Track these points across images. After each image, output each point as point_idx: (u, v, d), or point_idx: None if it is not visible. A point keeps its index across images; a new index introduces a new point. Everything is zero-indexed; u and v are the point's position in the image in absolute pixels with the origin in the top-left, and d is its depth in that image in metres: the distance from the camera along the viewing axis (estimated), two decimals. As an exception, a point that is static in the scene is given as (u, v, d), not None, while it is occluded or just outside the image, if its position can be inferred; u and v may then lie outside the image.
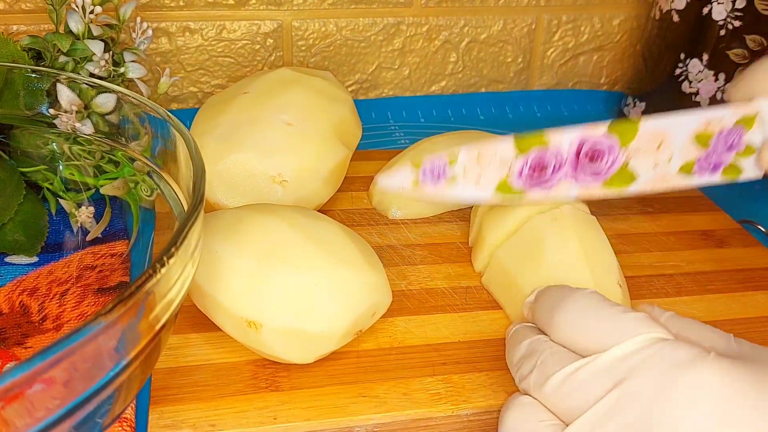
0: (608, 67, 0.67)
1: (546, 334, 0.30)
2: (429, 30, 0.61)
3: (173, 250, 0.22)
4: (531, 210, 0.38)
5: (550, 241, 0.36)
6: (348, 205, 0.46)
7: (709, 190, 0.51)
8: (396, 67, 0.62)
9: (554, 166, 0.36)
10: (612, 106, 0.66)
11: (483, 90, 0.65)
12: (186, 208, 0.30)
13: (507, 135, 0.36)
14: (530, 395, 0.28)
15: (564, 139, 0.36)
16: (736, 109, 0.35)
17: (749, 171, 0.37)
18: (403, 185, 0.37)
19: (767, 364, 0.25)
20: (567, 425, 0.26)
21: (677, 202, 0.49)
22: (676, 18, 0.53)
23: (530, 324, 0.32)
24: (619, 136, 0.36)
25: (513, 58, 0.64)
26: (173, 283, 0.23)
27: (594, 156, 0.36)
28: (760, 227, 0.47)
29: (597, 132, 0.36)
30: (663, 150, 0.36)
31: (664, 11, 0.55)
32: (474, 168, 0.36)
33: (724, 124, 0.36)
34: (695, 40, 0.52)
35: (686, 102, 0.54)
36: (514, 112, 0.64)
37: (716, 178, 0.37)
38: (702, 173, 0.37)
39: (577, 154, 0.36)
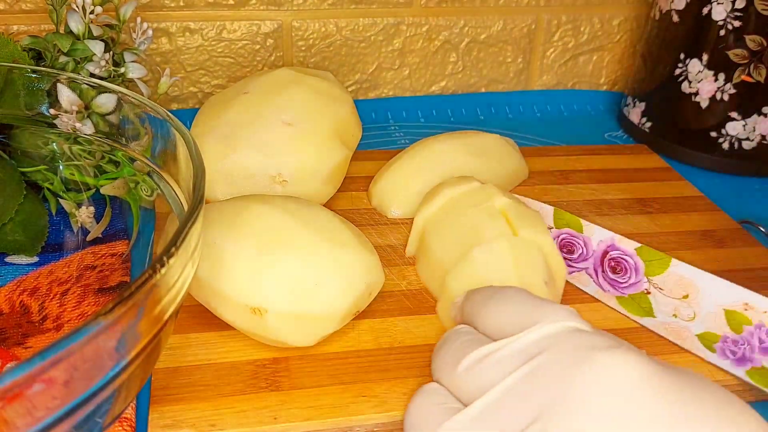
0: (608, 67, 0.67)
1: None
2: (429, 30, 0.61)
3: (173, 250, 0.22)
4: (459, 191, 0.39)
5: (481, 234, 0.36)
6: (348, 205, 0.46)
7: (709, 191, 0.51)
8: (396, 67, 0.62)
9: (580, 255, 0.37)
10: (612, 106, 0.66)
11: (483, 90, 0.65)
12: (186, 208, 0.30)
13: (549, 206, 0.38)
14: (440, 383, 0.28)
15: (596, 236, 0.37)
16: None
17: None
18: None
19: (689, 375, 0.24)
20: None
21: (677, 202, 0.49)
22: (675, 18, 0.53)
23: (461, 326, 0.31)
24: (645, 262, 0.35)
25: (513, 58, 0.64)
26: (173, 283, 0.23)
27: (617, 268, 0.36)
28: (759, 227, 0.47)
29: (627, 246, 0.36)
30: (688, 304, 0.34)
31: (663, 11, 0.55)
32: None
33: (764, 317, 0.32)
34: (695, 40, 0.52)
35: (686, 102, 0.54)
36: (514, 112, 0.64)
37: (739, 372, 0.32)
38: (724, 356, 0.33)
39: (603, 256, 0.37)
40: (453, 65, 0.63)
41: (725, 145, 0.53)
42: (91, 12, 0.40)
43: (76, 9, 0.40)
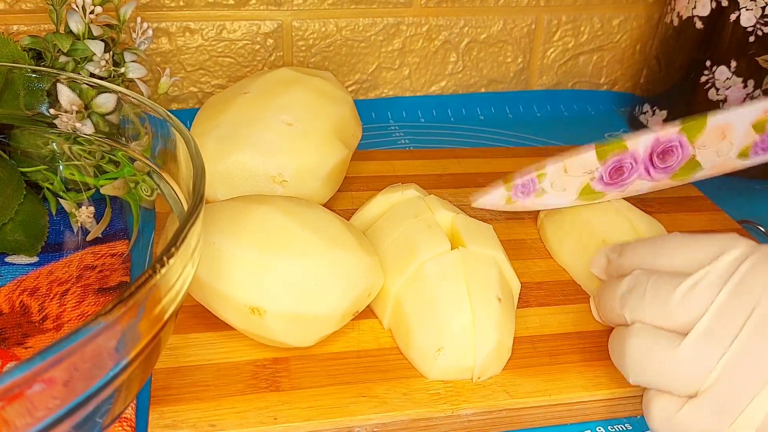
0: (608, 67, 0.67)
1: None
2: (429, 30, 0.61)
3: (173, 250, 0.22)
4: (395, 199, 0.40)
5: (420, 247, 0.35)
6: (348, 205, 0.46)
7: (709, 191, 0.51)
8: (396, 67, 0.62)
9: (629, 168, 0.40)
10: (612, 106, 0.66)
11: (483, 90, 0.65)
12: (186, 207, 0.30)
13: (589, 145, 0.40)
14: (641, 321, 0.31)
15: (640, 143, 0.40)
16: None
17: None
18: (497, 203, 0.42)
19: None
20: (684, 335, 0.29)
21: (677, 202, 0.49)
22: (699, 24, 0.52)
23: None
24: (687, 133, 0.40)
25: (513, 58, 0.64)
26: (173, 283, 0.23)
27: (665, 154, 0.40)
28: (759, 227, 0.47)
29: (669, 132, 0.40)
30: (726, 140, 0.40)
31: (684, 18, 0.54)
32: (560, 180, 0.41)
33: None
34: (722, 47, 0.51)
35: (713, 109, 0.53)
36: (514, 112, 0.64)
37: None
38: (756, 155, 0.40)
39: (651, 154, 0.40)
40: (453, 65, 0.63)
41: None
42: (91, 12, 0.40)
43: (76, 9, 0.40)
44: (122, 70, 0.42)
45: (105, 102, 0.36)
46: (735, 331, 0.27)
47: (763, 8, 0.49)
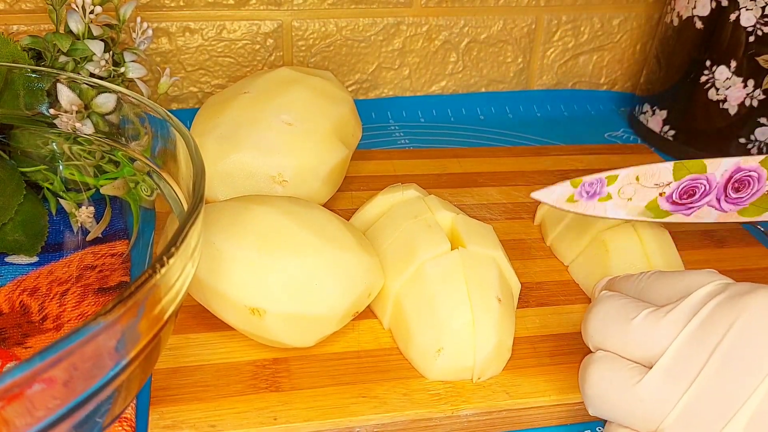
0: (608, 66, 0.67)
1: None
2: (429, 30, 0.61)
3: (173, 250, 0.22)
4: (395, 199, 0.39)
5: (419, 246, 0.35)
6: (348, 204, 0.46)
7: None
8: (396, 67, 0.62)
9: (702, 191, 0.39)
10: (611, 106, 0.66)
11: (483, 90, 0.65)
12: (186, 207, 0.30)
13: (668, 162, 0.38)
14: (602, 346, 0.30)
15: (721, 166, 0.38)
16: None
17: None
18: (559, 199, 0.39)
19: None
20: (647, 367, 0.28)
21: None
22: (699, 24, 0.52)
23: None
24: (767, 168, 0.38)
25: (513, 58, 0.64)
26: (173, 283, 0.23)
27: (741, 185, 0.38)
28: (760, 227, 0.47)
29: (751, 162, 0.38)
30: None
31: (684, 18, 0.54)
32: (630, 188, 0.38)
33: None
34: (722, 47, 0.51)
35: (713, 109, 0.53)
36: (514, 112, 0.64)
37: None
38: None
39: (727, 182, 0.38)
40: (453, 65, 0.63)
41: (754, 151, 0.53)
42: (91, 12, 0.40)
43: (76, 9, 0.40)
44: (122, 70, 0.42)
45: (105, 102, 0.36)
46: (696, 370, 0.27)
47: (763, 8, 0.49)
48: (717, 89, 0.53)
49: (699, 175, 0.38)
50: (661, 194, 0.39)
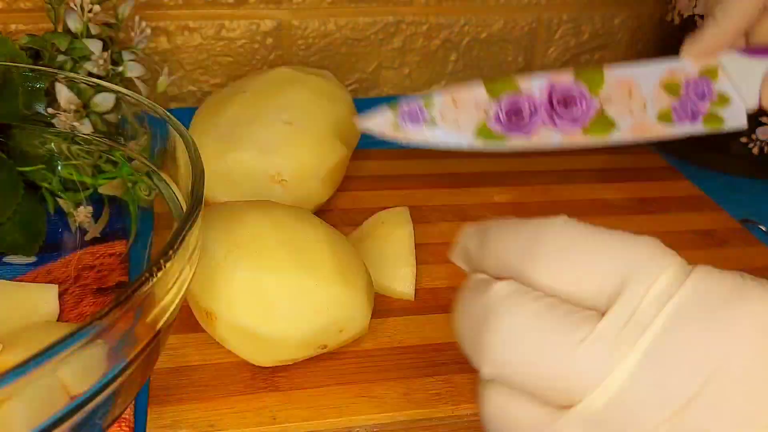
0: (609, 66, 0.67)
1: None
2: (429, 29, 0.60)
3: (170, 252, 0.22)
4: None
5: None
6: (348, 204, 0.46)
7: (710, 189, 0.51)
8: (396, 66, 0.61)
9: (529, 111, 0.37)
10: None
11: (483, 89, 0.65)
12: (185, 208, 0.29)
13: (479, 84, 0.37)
14: (510, 381, 0.21)
15: (534, 85, 0.37)
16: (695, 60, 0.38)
17: (732, 120, 0.38)
18: (385, 129, 0.36)
19: None
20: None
21: (678, 201, 0.48)
22: (700, 23, 0.52)
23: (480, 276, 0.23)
24: (586, 83, 0.37)
25: (513, 57, 0.64)
26: (170, 286, 0.23)
27: (567, 102, 0.37)
28: (761, 226, 0.46)
29: (564, 79, 0.37)
30: (634, 98, 0.37)
31: (685, 16, 0.53)
32: (451, 111, 0.36)
33: (687, 73, 0.38)
34: None
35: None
36: (515, 111, 0.64)
37: (699, 128, 0.38)
38: (682, 121, 0.38)
39: (550, 100, 0.37)
40: (453, 64, 0.63)
41: (755, 150, 0.53)
42: (90, 11, 0.40)
43: (74, 8, 0.40)
44: (121, 69, 0.42)
45: (103, 101, 0.36)
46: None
47: None
48: None
49: (515, 93, 0.37)
50: (487, 118, 0.37)
